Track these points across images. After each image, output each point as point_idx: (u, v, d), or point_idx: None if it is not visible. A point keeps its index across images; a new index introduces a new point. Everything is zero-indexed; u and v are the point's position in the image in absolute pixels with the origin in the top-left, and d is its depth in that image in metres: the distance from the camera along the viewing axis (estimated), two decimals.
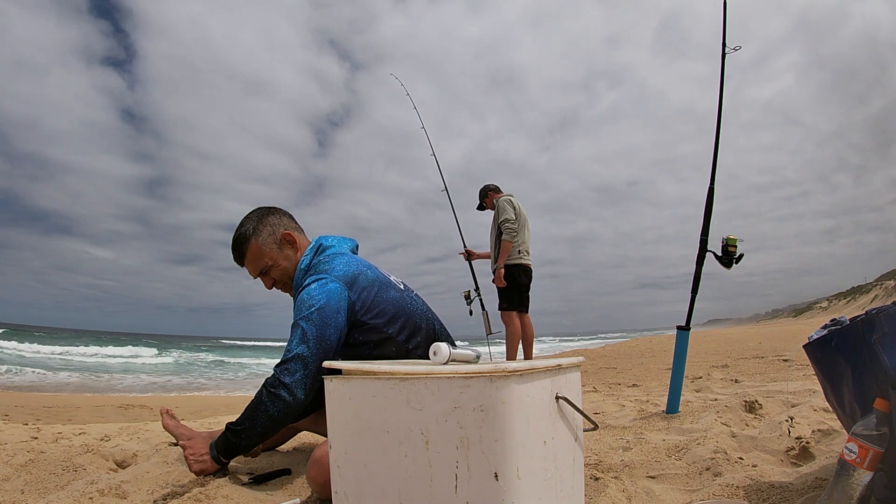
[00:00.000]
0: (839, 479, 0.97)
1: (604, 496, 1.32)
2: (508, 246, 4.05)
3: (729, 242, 2.28)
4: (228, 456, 1.43)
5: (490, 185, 4.40)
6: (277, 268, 1.59)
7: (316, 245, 1.60)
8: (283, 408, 1.34)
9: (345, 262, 1.51)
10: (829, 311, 66.51)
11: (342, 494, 0.92)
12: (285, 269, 1.59)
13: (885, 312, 0.98)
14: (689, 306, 2.39)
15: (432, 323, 1.62)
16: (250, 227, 1.58)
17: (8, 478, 1.41)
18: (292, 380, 1.33)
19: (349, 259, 1.55)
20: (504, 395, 0.79)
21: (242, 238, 1.58)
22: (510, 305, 4.09)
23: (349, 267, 1.50)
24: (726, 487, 1.30)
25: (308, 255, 1.57)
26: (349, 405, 0.91)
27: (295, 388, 1.33)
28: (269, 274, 1.59)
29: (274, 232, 1.60)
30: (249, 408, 1.37)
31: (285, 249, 1.60)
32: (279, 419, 1.36)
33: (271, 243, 1.58)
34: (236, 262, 1.62)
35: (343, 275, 1.46)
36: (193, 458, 1.43)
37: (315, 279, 1.45)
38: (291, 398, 1.34)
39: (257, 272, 1.60)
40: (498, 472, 0.78)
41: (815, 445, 1.54)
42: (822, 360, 1.18)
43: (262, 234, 1.58)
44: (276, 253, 1.58)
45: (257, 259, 1.58)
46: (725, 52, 2.39)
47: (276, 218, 1.63)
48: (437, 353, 0.97)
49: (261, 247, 1.57)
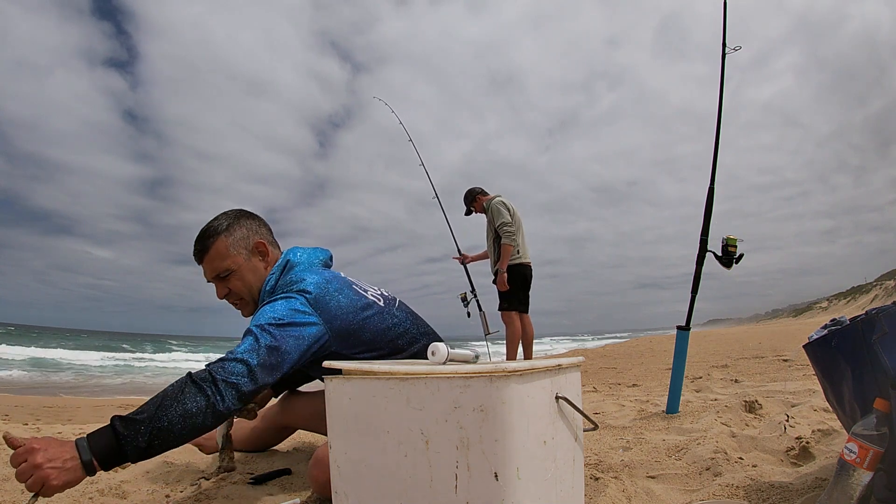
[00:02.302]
0: (839, 479, 0.97)
1: (604, 496, 1.32)
2: (509, 249, 4.04)
3: (729, 242, 2.28)
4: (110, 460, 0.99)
5: (475, 188, 4.37)
6: (239, 277, 1.40)
7: (283, 262, 1.42)
8: (203, 406, 1.04)
9: (315, 282, 1.33)
10: (829, 311, 66.50)
11: (342, 494, 0.92)
12: (247, 282, 1.40)
13: (885, 312, 0.98)
14: (689, 306, 2.39)
15: (417, 337, 1.44)
16: (224, 223, 1.41)
17: (8, 478, 1.41)
18: (227, 382, 1.08)
19: (319, 277, 1.36)
20: (504, 395, 0.79)
21: (211, 231, 1.39)
22: (510, 305, 4.09)
23: (319, 288, 1.31)
24: (726, 487, 1.30)
25: (275, 274, 1.40)
26: (349, 405, 0.91)
27: (227, 392, 1.07)
28: (228, 280, 1.39)
29: (247, 237, 1.42)
30: (157, 398, 1.04)
31: (254, 259, 1.42)
32: (194, 419, 1.04)
33: (241, 247, 1.40)
34: (195, 257, 1.41)
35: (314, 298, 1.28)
36: (52, 466, 0.94)
37: (284, 296, 1.28)
38: (218, 399, 1.06)
39: (214, 274, 1.39)
40: (498, 472, 0.78)
41: (815, 445, 1.54)
42: (822, 360, 1.18)
43: (234, 234, 1.40)
44: (242, 260, 1.40)
45: (220, 259, 1.38)
46: (725, 52, 2.40)
47: (253, 223, 1.46)
48: (435, 353, 0.97)
49: (228, 247, 1.39)
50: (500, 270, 4.06)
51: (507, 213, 4.05)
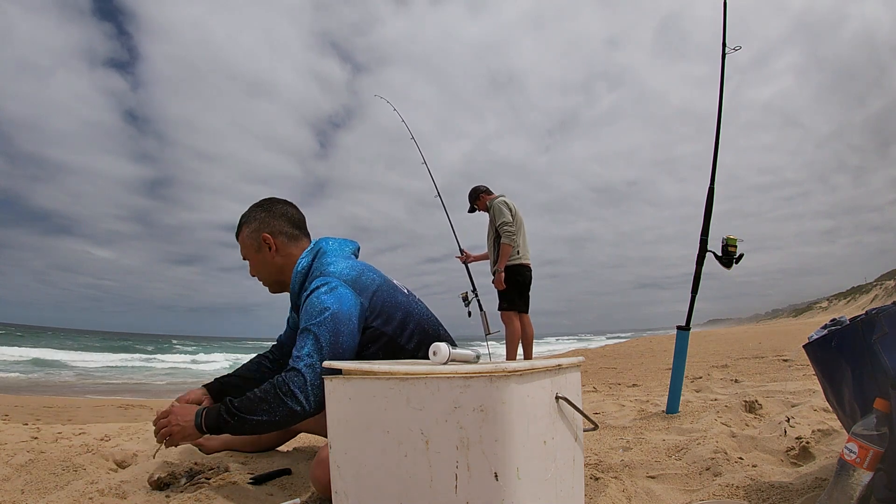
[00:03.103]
0: (839, 479, 0.97)
1: (604, 496, 1.32)
2: (508, 249, 4.04)
3: (729, 242, 2.28)
4: (213, 429, 1.31)
5: (480, 186, 4.37)
6: (253, 266, 1.58)
7: (315, 248, 1.54)
8: (287, 414, 1.26)
9: (349, 265, 1.46)
10: (829, 311, 66.50)
11: (342, 494, 0.92)
12: (259, 272, 1.58)
13: (885, 312, 0.98)
14: (689, 306, 2.39)
15: (437, 329, 1.56)
16: (244, 218, 1.58)
17: (8, 478, 1.41)
18: (303, 389, 1.25)
19: (353, 262, 1.50)
20: (504, 395, 0.79)
21: (240, 221, 1.59)
22: (510, 305, 4.09)
23: (353, 269, 1.44)
24: (726, 487, 1.30)
25: (306, 258, 1.51)
26: (349, 405, 0.91)
27: (304, 399, 1.26)
28: (250, 266, 1.59)
29: (256, 231, 1.55)
30: (253, 399, 1.28)
31: (263, 252, 1.55)
32: (279, 423, 1.28)
33: (253, 241, 1.56)
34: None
35: (350, 278, 1.41)
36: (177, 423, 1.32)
37: (322, 283, 1.38)
38: (299, 408, 1.26)
39: (244, 261, 1.60)
40: (498, 472, 0.78)
41: (815, 445, 1.54)
42: (822, 360, 1.18)
43: (248, 227, 1.56)
44: (252, 252, 1.56)
45: (241, 247, 1.59)
46: (725, 52, 2.39)
47: (266, 216, 1.57)
48: (436, 353, 0.98)
49: (245, 239, 1.57)
50: (497, 270, 4.07)
51: (508, 213, 4.05)
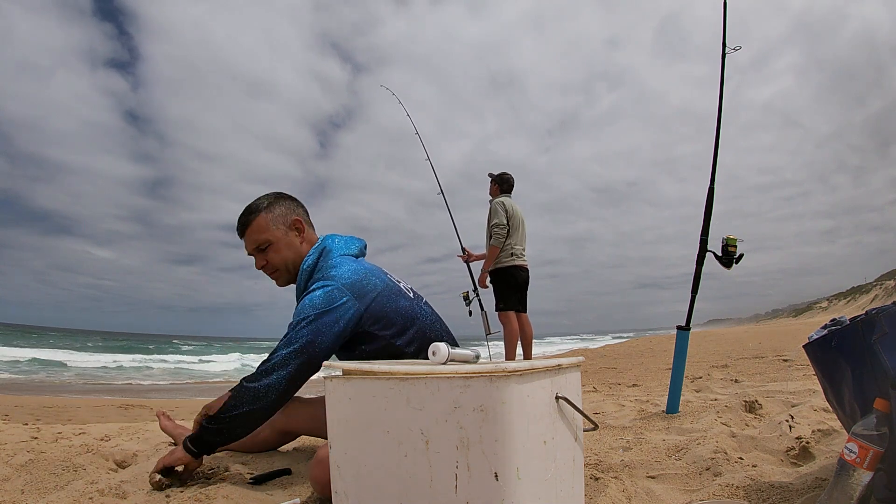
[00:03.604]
0: (839, 479, 0.97)
1: (604, 496, 1.32)
2: (494, 251, 4.06)
3: (729, 242, 2.28)
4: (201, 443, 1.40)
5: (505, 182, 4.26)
6: (276, 250, 1.55)
7: (321, 246, 1.56)
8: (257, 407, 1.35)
9: (352, 269, 1.46)
10: (829, 311, 66.49)
11: (342, 494, 0.92)
12: (283, 255, 1.55)
13: (885, 312, 0.98)
14: (689, 306, 2.39)
15: (441, 334, 1.57)
16: (264, 202, 1.57)
17: (8, 478, 1.41)
18: (268, 381, 1.34)
19: (357, 265, 1.49)
20: (504, 395, 0.79)
21: (253, 208, 1.56)
22: (507, 305, 4.09)
23: (356, 273, 1.45)
24: (726, 487, 1.30)
25: (313, 255, 1.53)
26: (349, 405, 0.91)
27: (269, 391, 1.34)
28: (266, 252, 1.55)
29: (286, 214, 1.57)
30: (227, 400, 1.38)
31: (291, 234, 1.56)
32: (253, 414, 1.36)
33: (280, 223, 1.55)
34: (238, 232, 1.58)
35: (350, 282, 1.42)
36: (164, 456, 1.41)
37: (321, 285, 1.41)
38: (265, 400, 1.35)
39: (254, 246, 1.55)
40: (498, 472, 0.78)
41: (815, 445, 1.54)
42: (822, 360, 1.18)
43: (274, 210, 1.56)
44: (280, 234, 1.55)
45: (259, 232, 1.54)
46: (725, 52, 2.39)
47: (291, 203, 1.61)
48: (436, 353, 0.97)
49: (268, 222, 1.54)
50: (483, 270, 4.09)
51: (503, 215, 4.05)
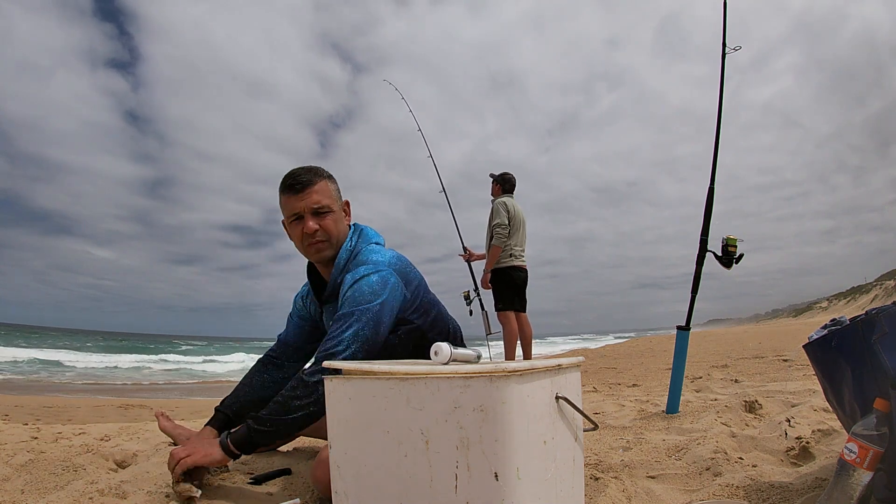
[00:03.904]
0: (839, 479, 0.97)
1: (604, 496, 1.32)
2: (497, 251, 4.07)
3: (729, 242, 2.28)
4: (244, 445, 1.27)
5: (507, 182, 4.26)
6: (333, 220, 1.44)
7: (358, 229, 1.52)
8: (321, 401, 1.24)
9: (395, 255, 1.45)
10: (829, 311, 66.48)
11: (342, 494, 0.92)
12: (338, 228, 1.45)
13: (885, 312, 0.98)
14: (689, 306, 2.39)
15: (457, 330, 1.58)
16: (324, 171, 1.47)
17: (8, 478, 1.41)
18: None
19: (396, 252, 1.48)
20: (504, 395, 0.79)
21: (316, 171, 1.45)
22: (506, 305, 4.09)
23: (400, 260, 1.45)
24: (726, 487, 1.30)
25: (353, 239, 1.48)
26: (349, 405, 0.91)
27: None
28: (324, 218, 1.42)
29: (340, 192, 1.51)
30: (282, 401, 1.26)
31: (341, 213, 1.49)
32: (314, 414, 1.25)
33: (338, 198, 1.48)
34: (292, 188, 1.41)
35: (398, 268, 1.41)
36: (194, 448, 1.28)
37: (373, 270, 1.36)
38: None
39: (313, 208, 1.40)
40: (498, 472, 0.78)
41: (815, 445, 1.54)
42: (822, 360, 1.18)
43: (334, 184, 1.48)
44: (337, 208, 1.46)
45: (323, 196, 1.42)
46: (725, 51, 2.39)
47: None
48: (438, 353, 0.97)
49: (331, 191, 1.45)
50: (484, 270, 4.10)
51: (504, 215, 4.05)
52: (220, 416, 1.52)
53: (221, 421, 1.51)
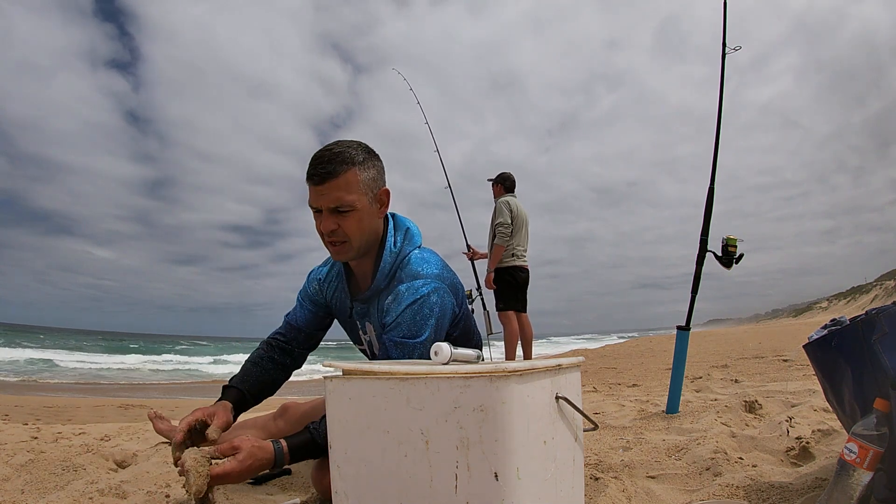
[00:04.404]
0: (839, 479, 0.97)
1: (604, 496, 1.32)
2: (500, 251, 4.08)
3: (729, 242, 2.28)
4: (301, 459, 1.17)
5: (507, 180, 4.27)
6: (358, 218, 1.25)
7: (403, 227, 1.38)
8: None
9: (441, 263, 1.35)
10: (829, 311, 66.47)
11: (342, 494, 0.92)
12: (363, 227, 1.27)
13: (885, 312, 0.98)
14: (689, 306, 2.39)
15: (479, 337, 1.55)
16: (360, 155, 1.25)
17: (8, 478, 1.41)
18: None
19: (440, 259, 1.37)
20: (504, 395, 0.79)
21: (346, 158, 1.22)
22: (507, 305, 4.09)
23: (447, 269, 1.35)
24: (726, 487, 1.30)
25: (397, 238, 1.34)
26: (349, 405, 0.91)
27: None
28: (345, 217, 1.24)
29: (377, 179, 1.29)
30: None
31: (374, 207, 1.29)
32: None
33: (369, 189, 1.26)
34: (312, 178, 1.23)
35: (450, 282, 1.32)
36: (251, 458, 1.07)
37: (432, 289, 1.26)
38: None
39: (333, 205, 1.23)
40: (498, 472, 0.78)
41: (815, 445, 1.54)
42: (822, 360, 1.18)
43: (368, 171, 1.26)
44: (366, 202, 1.26)
45: (346, 191, 1.22)
46: (725, 51, 2.39)
47: (382, 167, 1.32)
48: (438, 353, 0.97)
49: (359, 182, 1.24)
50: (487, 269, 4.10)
51: (507, 215, 4.05)
52: (235, 392, 1.37)
53: (236, 397, 1.37)
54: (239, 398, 1.37)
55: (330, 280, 1.48)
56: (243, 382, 1.40)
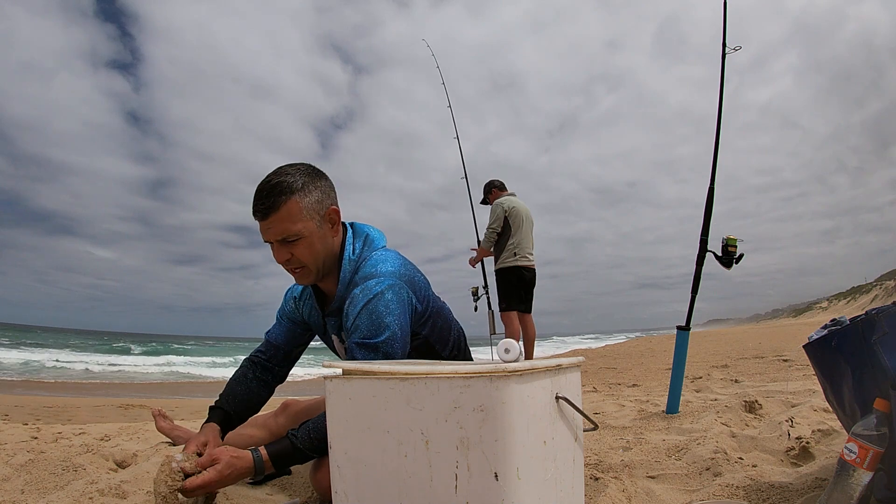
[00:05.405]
0: (839, 479, 0.97)
1: (604, 496, 1.32)
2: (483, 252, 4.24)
3: (729, 243, 2.28)
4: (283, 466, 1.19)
5: (495, 181, 4.42)
6: (308, 244, 1.26)
7: (362, 234, 1.38)
8: None
9: (401, 261, 1.34)
10: (829, 311, 66.47)
11: (342, 494, 0.92)
12: (315, 251, 1.27)
13: (885, 312, 0.98)
14: (689, 306, 2.39)
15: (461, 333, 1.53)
16: (298, 181, 1.23)
17: (8, 478, 1.41)
18: None
19: (400, 256, 1.37)
20: (504, 395, 0.79)
21: (284, 188, 1.21)
22: (509, 305, 4.10)
23: (406, 266, 1.33)
24: (726, 487, 1.30)
25: (356, 245, 1.34)
26: (349, 405, 0.91)
27: None
28: (295, 246, 1.25)
29: (322, 200, 1.28)
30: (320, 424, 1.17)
31: (325, 228, 1.29)
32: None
33: (315, 212, 1.26)
34: (257, 213, 1.23)
35: (408, 278, 1.30)
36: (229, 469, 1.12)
37: (387, 287, 1.24)
38: None
39: (280, 237, 1.24)
40: (498, 472, 0.78)
41: (815, 445, 1.54)
42: (822, 360, 1.18)
43: (310, 195, 1.25)
44: (314, 226, 1.26)
45: (290, 221, 1.22)
46: (725, 52, 2.39)
47: (327, 185, 1.31)
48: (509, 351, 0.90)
49: (302, 209, 1.23)
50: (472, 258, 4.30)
51: (501, 217, 4.13)
52: (220, 412, 1.42)
53: (221, 417, 1.41)
54: (224, 418, 1.41)
55: (304, 298, 1.50)
56: (228, 403, 1.44)
